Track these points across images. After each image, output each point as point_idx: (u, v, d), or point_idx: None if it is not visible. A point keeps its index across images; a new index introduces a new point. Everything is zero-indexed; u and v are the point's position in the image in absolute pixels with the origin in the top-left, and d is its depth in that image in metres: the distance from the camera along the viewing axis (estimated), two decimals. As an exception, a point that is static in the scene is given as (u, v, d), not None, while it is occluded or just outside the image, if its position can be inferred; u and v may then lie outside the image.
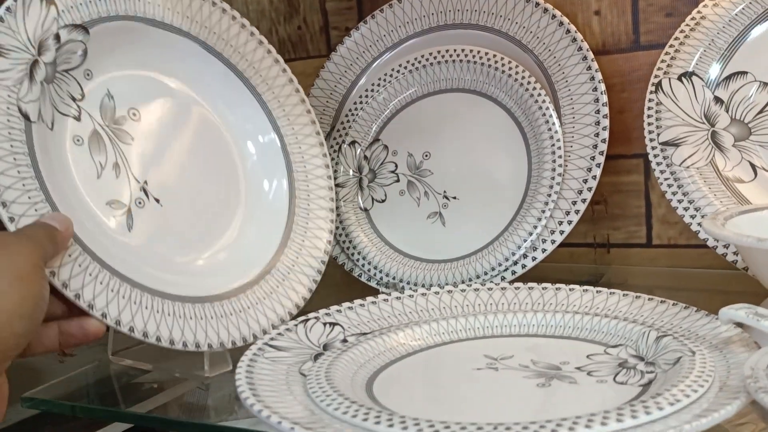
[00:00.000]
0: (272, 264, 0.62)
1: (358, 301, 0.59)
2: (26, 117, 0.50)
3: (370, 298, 0.59)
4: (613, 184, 0.80)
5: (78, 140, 0.55)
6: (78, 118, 0.56)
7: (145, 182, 0.59)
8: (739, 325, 0.48)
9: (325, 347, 0.53)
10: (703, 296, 0.73)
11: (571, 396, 0.44)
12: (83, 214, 0.53)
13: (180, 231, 0.60)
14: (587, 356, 0.50)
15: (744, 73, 0.67)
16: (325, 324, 0.56)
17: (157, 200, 0.59)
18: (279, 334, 0.54)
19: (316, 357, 0.51)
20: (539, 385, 0.46)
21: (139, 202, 0.58)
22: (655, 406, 0.38)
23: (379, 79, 0.78)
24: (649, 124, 0.67)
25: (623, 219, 0.80)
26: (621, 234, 0.80)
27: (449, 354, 0.53)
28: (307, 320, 0.56)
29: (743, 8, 0.67)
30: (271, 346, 0.52)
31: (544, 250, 0.69)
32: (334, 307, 0.58)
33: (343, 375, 0.47)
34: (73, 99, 0.56)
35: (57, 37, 0.53)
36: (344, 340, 0.54)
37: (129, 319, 0.50)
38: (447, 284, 0.66)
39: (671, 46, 0.69)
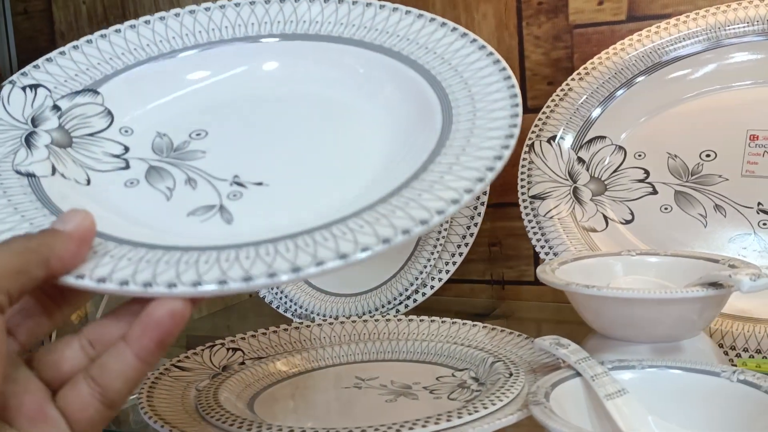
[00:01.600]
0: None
1: (261, 330, 0.69)
2: (30, 175, 0.45)
3: (271, 328, 0.70)
4: (507, 229, 0.91)
5: (131, 183, 0.48)
6: (126, 167, 0.49)
7: (236, 176, 0.49)
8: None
9: (224, 369, 0.63)
10: (579, 329, 0.83)
11: (407, 410, 0.55)
12: (151, 238, 0.41)
13: (296, 203, 0.48)
14: (437, 378, 0.61)
15: (603, 137, 0.78)
16: (228, 349, 0.66)
17: (260, 183, 0.48)
18: (186, 356, 0.64)
19: (213, 377, 0.61)
20: (387, 401, 0.57)
21: (234, 195, 0.47)
22: (456, 414, 0.49)
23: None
24: (522, 179, 0.78)
25: (516, 259, 0.91)
26: (514, 272, 0.91)
27: (327, 375, 0.63)
28: (213, 345, 0.66)
29: (603, 83, 0.78)
30: (176, 366, 0.62)
31: (432, 287, 0.80)
32: (239, 335, 0.68)
33: (229, 393, 0.57)
34: (115, 156, 0.50)
35: (55, 107, 0.50)
36: (242, 363, 0.64)
37: (218, 275, 0.36)
38: (351, 315, 0.76)
39: (543, 112, 0.80)
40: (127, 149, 0.50)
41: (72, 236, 0.35)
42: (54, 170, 0.46)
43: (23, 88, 0.50)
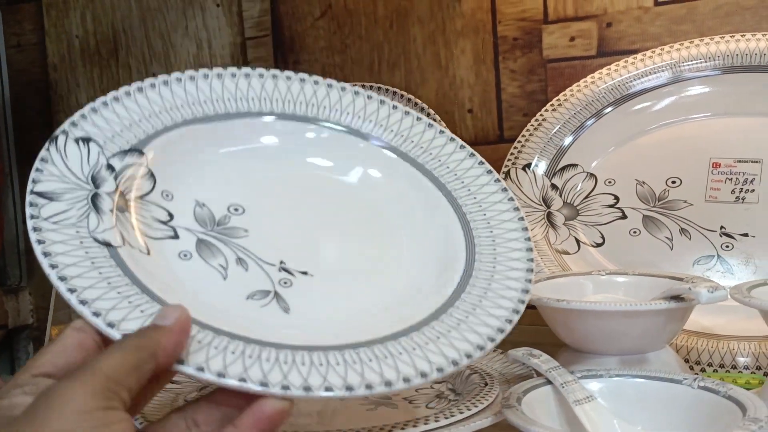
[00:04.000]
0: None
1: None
2: (107, 244, 0.45)
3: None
4: (485, 254, 0.94)
5: (185, 255, 0.50)
6: (175, 236, 0.51)
7: (282, 262, 0.52)
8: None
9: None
10: (553, 350, 0.86)
11: (387, 417, 0.57)
12: (226, 322, 0.45)
13: (343, 288, 0.53)
14: (415, 390, 0.63)
15: (575, 165, 0.82)
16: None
17: (304, 272, 0.52)
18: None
19: (201, 389, 0.63)
20: (368, 410, 0.59)
21: (285, 282, 0.51)
22: (433, 418, 0.51)
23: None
24: (498, 205, 0.82)
25: (493, 284, 0.94)
26: (491, 296, 0.94)
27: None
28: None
29: (575, 113, 0.83)
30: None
31: (412, 308, 0.83)
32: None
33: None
34: (162, 222, 0.51)
35: (110, 167, 0.50)
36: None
37: (321, 382, 0.40)
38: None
39: (519, 141, 0.84)
40: (171, 216, 0.52)
41: (174, 330, 0.39)
42: (124, 240, 0.47)
43: (76, 141, 0.50)
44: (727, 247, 0.75)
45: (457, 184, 0.58)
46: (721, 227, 0.76)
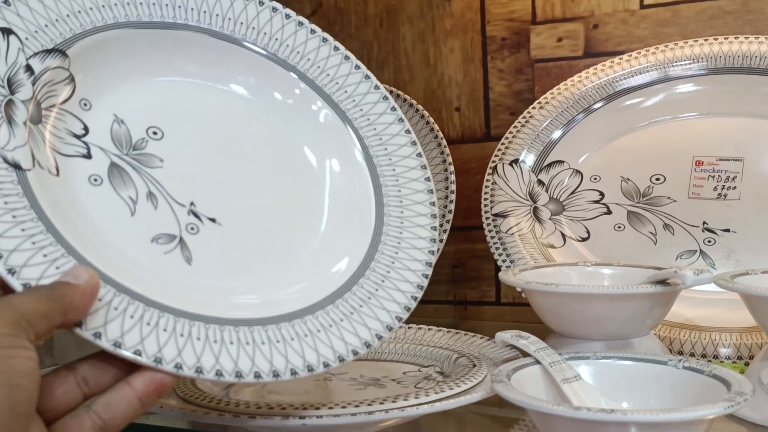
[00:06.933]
0: (362, 269, 0.53)
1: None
2: (17, 166, 0.42)
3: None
4: (470, 251, 0.95)
5: (95, 180, 0.47)
6: (88, 156, 0.47)
7: (192, 203, 0.50)
8: (516, 348, 0.62)
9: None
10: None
11: (376, 394, 0.58)
12: (125, 261, 0.45)
13: (248, 246, 0.52)
14: (403, 372, 0.64)
15: (561, 162, 0.84)
16: None
17: (213, 219, 0.50)
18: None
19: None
20: (357, 389, 0.60)
21: (192, 228, 0.49)
22: (423, 393, 0.52)
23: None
24: (485, 199, 0.83)
25: (477, 280, 0.95)
26: (476, 293, 0.95)
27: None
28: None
29: (561, 111, 0.84)
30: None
31: (399, 300, 0.83)
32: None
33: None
34: (76, 136, 0.47)
35: (28, 68, 0.45)
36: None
37: (213, 364, 0.41)
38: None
39: (506, 137, 0.85)
40: (86, 130, 0.48)
41: (85, 291, 0.39)
42: (33, 160, 0.43)
43: None
44: (709, 242, 0.76)
45: (375, 141, 0.57)
46: (704, 223, 0.77)
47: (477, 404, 0.55)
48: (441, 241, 0.84)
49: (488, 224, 0.81)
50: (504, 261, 0.79)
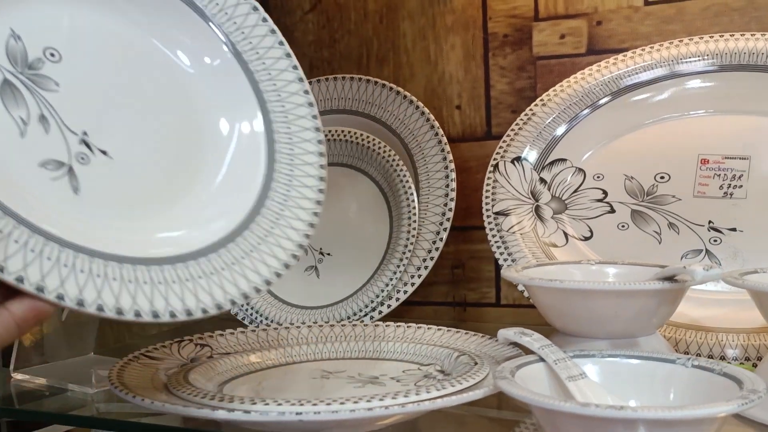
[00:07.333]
0: (250, 218, 0.53)
1: (229, 330, 0.70)
2: None
3: (239, 329, 0.70)
4: (470, 252, 0.93)
5: None
6: None
7: (85, 133, 0.49)
8: (519, 346, 0.60)
9: (192, 360, 0.63)
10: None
11: (375, 391, 0.56)
12: (10, 184, 0.44)
13: (137, 185, 0.52)
14: (403, 371, 0.62)
15: (563, 160, 0.82)
16: (196, 344, 0.66)
17: (104, 152, 0.49)
18: (155, 348, 0.64)
19: (183, 365, 0.61)
20: (355, 386, 0.58)
21: (82, 158, 0.48)
22: (425, 390, 0.50)
23: (272, 152, 0.91)
24: (487, 197, 0.81)
25: (477, 281, 0.93)
26: (475, 294, 0.94)
27: (295, 368, 0.64)
28: (181, 341, 0.66)
29: (564, 109, 0.82)
30: (145, 355, 0.62)
31: (398, 299, 0.82)
32: (207, 333, 0.69)
33: (199, 376, 0.58)
34: None
35: None
36: (210, 357, 0.65)
37: (95, 297, 0.42)
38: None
39: (508, 135, 0.84)
40: None
41: None
42: None
43: None
44: (715, 241, 0.75)
45: (273, 96, 0.58)
46: (709, 222, 0.76)
47: (476, 405, 0.53)
48: (441, 240, 0.82)
49: (489, 223, 0.80)
50: (506, 260, 0.77)
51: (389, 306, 0.81)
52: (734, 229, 0.75)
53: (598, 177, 0.81)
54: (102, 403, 0.67)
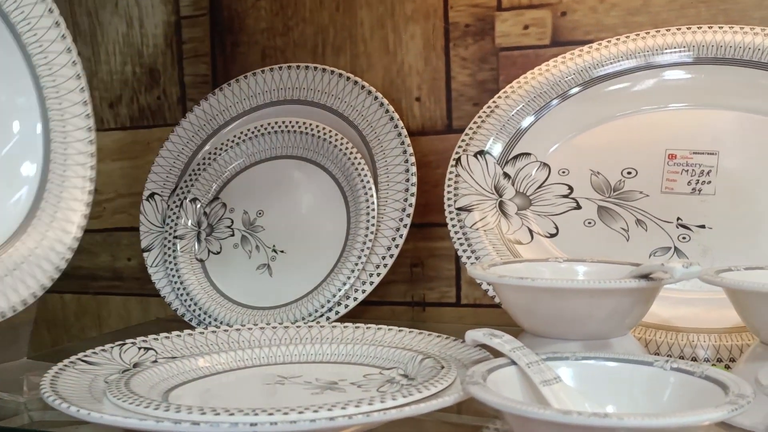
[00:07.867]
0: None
1: (175, 333, 0.65)
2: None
3: (186, 331, 0.65)
4: (429, 249, 0.90)
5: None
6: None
7: None
8: (487, 349, 0.57)
9: (135, 365, 0.58)
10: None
11: (335, 399, 0.52)
12: None
13: None
14: (363, 376, 0.58)
15: (528, 154, 0.79)
16: (139, 348, 0.61)
17: None
18: (93, 352, 0.59)
19: (124, 371, 0.56)
20: (313, 393, 0.54)
21: None
22: (390, 396, 0.46)
23: (222, 144, 0.86)
24: (449, 192, 0.78)
25: (437, 280, 0.90)
26: (435, 294, 0.90)
27: (247, 374, 0.60)
28: (123, 344, 0.61)
29: (528, 101, 0.79)
30: (83, 360, 0.57)
31: (355, 299, 0.78)
32: (151, 336, 0.64)
33: (142, 383, 0.53)
34: None
35: None
36: (155, 361, 0.60)
37: None
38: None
39: (470, 128, 0.80)
40: None
41: None
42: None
43: None
44: (684, 238, 0.73)
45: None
46: (678, 218, 0.73)
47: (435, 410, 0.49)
48: (401, 237, 0.78)
49: (452, 219, 0.76)
50: (469, 257, 0.74)
51: (347, 306, 0.77)
52: (703, 226, 0.73)
53: (564, 172, 0.78)
54: (36, 411, 0.62)
